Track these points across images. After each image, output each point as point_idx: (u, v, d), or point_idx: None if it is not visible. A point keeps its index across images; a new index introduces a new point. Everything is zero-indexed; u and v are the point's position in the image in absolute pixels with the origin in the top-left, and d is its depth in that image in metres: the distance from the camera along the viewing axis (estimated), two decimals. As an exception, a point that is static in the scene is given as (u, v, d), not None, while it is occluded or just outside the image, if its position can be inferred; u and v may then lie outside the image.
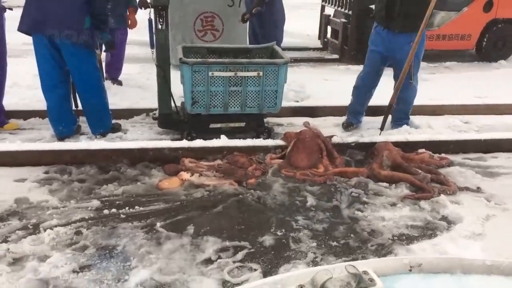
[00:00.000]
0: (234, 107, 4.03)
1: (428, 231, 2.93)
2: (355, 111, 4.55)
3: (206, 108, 3.97)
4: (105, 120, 4.18)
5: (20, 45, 6.93)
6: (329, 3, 7.81)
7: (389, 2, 4.02)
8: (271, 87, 4.02)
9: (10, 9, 4.14)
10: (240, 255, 2.62)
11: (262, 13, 5.13)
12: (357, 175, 3.55)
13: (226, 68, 3.85)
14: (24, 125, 4.34)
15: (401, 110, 4.42)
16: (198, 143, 3.79)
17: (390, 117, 4.42)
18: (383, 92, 4.42)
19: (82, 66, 3.89)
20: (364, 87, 4.42)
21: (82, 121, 4.25)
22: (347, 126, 4.50)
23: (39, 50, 3.84)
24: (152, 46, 4.05)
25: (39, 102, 4.69)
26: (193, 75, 3.81)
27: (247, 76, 3.92)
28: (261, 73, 3.93)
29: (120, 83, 5.51)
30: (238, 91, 3.96)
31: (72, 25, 3.71)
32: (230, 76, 3.88)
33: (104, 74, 5.29)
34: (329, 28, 8.05)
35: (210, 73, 3.83)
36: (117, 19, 5.14)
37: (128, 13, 5.31)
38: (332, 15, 7.94)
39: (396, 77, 4.29)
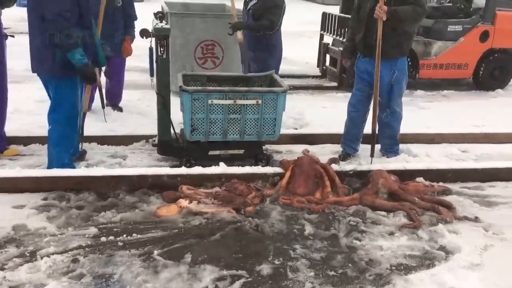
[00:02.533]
0: (233, 135, 4.07)
1: (426, 261, 2.92)
2: (351, 140, 4.55)
3: (205, 135, 4.01)
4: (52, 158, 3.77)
5: (22, 71, 7.02)
6: (327, 32, 7.95)
7: (367, 32, 4.12)
8: (270, 115, 4.07)
9: (12, 36, 4.21)
10: (237, 284, 2.61)
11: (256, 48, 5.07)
12: (352, 203, 3.57)
13: (225, 96, 3.91)
14: (24, 151, 4.36)
15: (387, 136, 4.45)
16: (197, 170, 3.81)
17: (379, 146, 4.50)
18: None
19: (55, 96, 3.70)
20: (358, 113, 4.45)
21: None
22: (345, 158, 4.48)
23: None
24: (151, 74, 4.11)
25: (40, 128, 4.73)
26: (192, 102, 3.87)
27: (246, 104, 3.96)
28: (260, 101, 3.98)
29: (120, 109, 5.56)
30: (237, 118, 4.01)
31: (44, 60, 3.50)
32: (229, 104, 3.93)
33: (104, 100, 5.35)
34: (327, 56, 8.17)
35: (209, 101, 3.88)
36: (115, 47, 5.19)
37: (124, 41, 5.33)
38: (330, 44, 8.07)
39: (380, 104, 4.32)
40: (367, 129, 4.48)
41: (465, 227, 3.32)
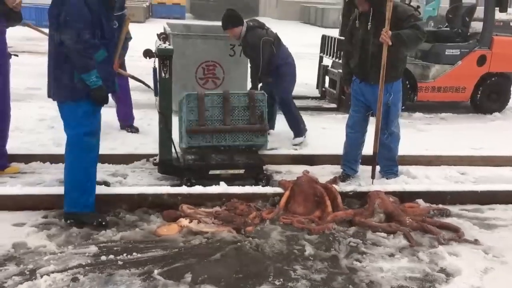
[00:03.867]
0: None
1: (426, 283, 2.92)
2: (350, 161, 4.56)
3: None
4: (74, 198, 3.39)
5: (23, 89, 7.09)
6: (327, 55, 8.04)
7: (362, 57, 4.18)
8: None
9: (16, 55, 4.25)
10: (237, 305, 2.60)
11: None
12: (346, 216, 3.65)
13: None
14: (25, 169, 4.36)
15: (386, 157, 4.44)
16: (198, 189, 3.82)
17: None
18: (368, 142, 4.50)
19: (65, 127, 3.50)
20: (356, 134, 4.46)
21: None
22: (344, 179, 4.47)
23: None
24: (156, 94, 4.14)
25: (40, 146, 4.76)
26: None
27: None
28: None
29: (136, 130, 5.53)
30: None
31: (62, 85, 3.32)
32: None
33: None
34: (327, 78, 8.24)
35: None
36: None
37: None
38: (330, 66, 8.16)
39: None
40: (366, 150, 4.52)
41: (465, 249, 3.32)
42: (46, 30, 3.65)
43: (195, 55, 6.25)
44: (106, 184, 3.94)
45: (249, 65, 5.52)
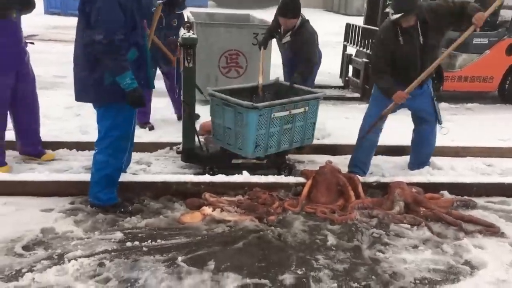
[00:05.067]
0: (284, 145, 4.12)
1: (451, 275, 2.89)
2: (362, 162, 4.26)
3: (264, 149, 3.97)
4: (99, 193, 3.43)
5: (51, 77, 7.21)
6: (351, 43, 7.95)
7: (410, 68, 3.90)
8: (312, 120, 4.22)
9: (32, 43, 4.31)
10: (260, 293, 2.62)
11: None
12: (365, 205, 3.65)
13: (283, 108, 3.94)
14: (52, 155, 4.46)
15: (425, 153, 4.36)
16: (220, 178, 3.85)
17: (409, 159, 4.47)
18: (401, 130, 4.44)
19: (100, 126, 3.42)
20: (377, 137, 4.22)
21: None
22: None
23: None
24: (177, 82, 4.13)
25: (67, 134, 4.85)
26: (259, 119, 3.80)
27: (297, 113, 4.05)
28: (307, 108, 4.08)
29: (152, 127, 5.43)
30: (289, 128, 4.07)
31: (91, 88, 3.24)
32: (285, 115, 3.98)
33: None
34: (350, 67, 8.16)
35: (272, 115, 3.87)
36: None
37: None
38: (354, 55, 8.06)
39: (416, 119, 4.28)
40: (387, 141, 4.44)
41: (490, 242, 3.27)
42: (72, 19, 3.67)
43: (218, 44, 6.26)
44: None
45: (279, 55, 5.32)
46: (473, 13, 3.66)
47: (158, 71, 5.49)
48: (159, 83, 5.89)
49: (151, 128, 5.37)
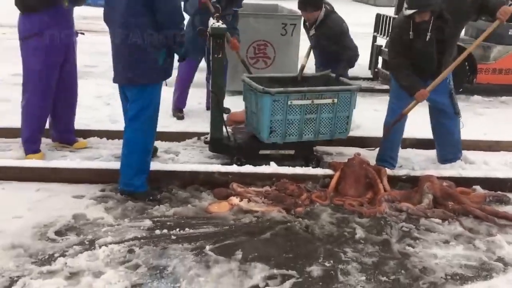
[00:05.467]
0: (308, 135, 4.08)
1: (483, 271, 2.83)
2: (389, 156, 4.19)
3: (282, 136, 4.00)
4: (131, 178, 3.49)
5: (80, 67, 7.30)
6: (381, 34, 7.81)
7: (424, 62, 3.84)
8: (343, 113, 4.10)
9: (82, 33, 4.36)
10: (287, 284, 2.61)
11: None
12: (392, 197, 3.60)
13: (304, 96, 3.92)
14: (83, 143, 4.54)
15: (449, 147, 4.24)
16: (248, 168, 3.84)
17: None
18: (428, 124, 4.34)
19: (133, 109, 3.50)
20: (398, 129, 4.12)
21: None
22: None
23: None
24: (209, 73, 4.13)
25: (97, 122, 4.93)
26: (273, 104, 3.84)
27: (322, 104, 3.99)
28: (335, 100, 4.01)
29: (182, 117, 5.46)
30: (313, 118, 4.02)
31: (146, 68, 3.38)
32: (307, 104, 3.94)
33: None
34: (380, 59, 8.02)
35: (289, 102, 3.88)
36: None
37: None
38: (384, 46, 7.92)
39: (434, 111, 4.18)
40: (417, 134, 4.35)
41: (525, 239, 3.18)
42: (101, 9, 3.70)
43: (246, 34, 6.21)
44: (155, 149, 4.13)
45: (304, 47, 5.22)
46: (496, 7, 3.58)
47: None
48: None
49: (181, 117, 5.40)
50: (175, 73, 5.50)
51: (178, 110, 5.44)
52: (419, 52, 3.81)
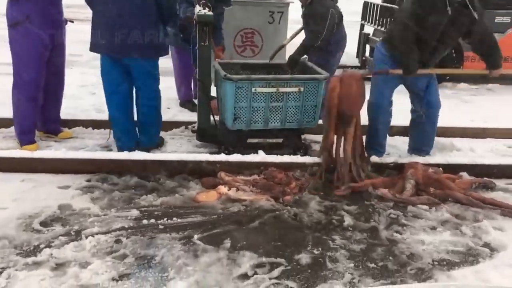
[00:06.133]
0: (274, 123, 4.05)
1: (469, 257, 2.85)
2: (378, 144, 4.16)
3: (247, 123, 4.00)
4: (155, 135, 4.24)
5: (66, 56, 7.21)
6: (368, 22, 7.79)
7: (427, 42, 3.72)
8: (311, 102, 4.04)
9: (71, 21, 4.28)
10: (276, 272, 2.61)
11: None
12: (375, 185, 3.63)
13: (268, 84, 3.89)
14: (68, 133, 4.48)
15: (423, 134, 4.16)
16: (236, 157, 3.82)
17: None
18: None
19: (149, 77, 3.98)
20: (388, 114, 4.11)
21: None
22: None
23: (107, 68, 3.95)
24: (193, 61, 4.10)
25: (83, 111, 4.86)
26: (236, 91, 3.85)
27: (289, 92, 3.94)
28: (302, 89, 3.95)
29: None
30: (279, 106, 3.99)
31: (146, 45, 3.79)
32: (272, 92, 3.91)
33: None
34: (367, 47, 8.01)
35: (253, 89, 3.87)
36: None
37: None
38: (371, 34, 7.91)
39: (416, 99, 4.07)
40: (403, 121, 4.38)
41: (510, 224, 3.21)
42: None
43: (233, 22, 6.17)
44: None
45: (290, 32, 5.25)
46: (494, 64, 3.80)
47: None
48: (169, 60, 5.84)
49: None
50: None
51: (188, 101, 5.36)
52: (434, 28, 3.63)
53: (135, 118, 4.12)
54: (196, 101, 5.13)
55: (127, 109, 4.04)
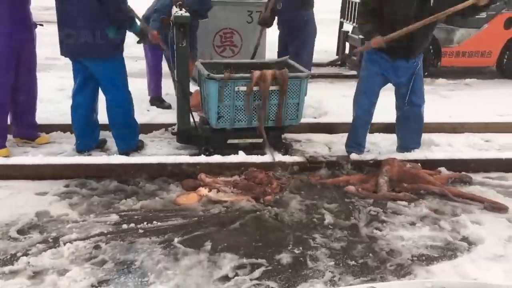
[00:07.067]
0: (258, 121, 4.05)
1: (448, 251, 2.89)
2: (359, 143, 4.16)
3: (231, 122, 4.00)
4: (130, 138, 4.14)
5: (43, 59, 7.09)
6: (347, 20, 7.84)
7: (398, 23, 3.65)
8: (293, 100, 4.06)
9: (41, 25, 4.21)
10: (257, 273, 2.61)
11: (294, 30, 5.10)
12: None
13: (250, 83, 3.89)
14: (45, 138, 4.41)
15: (411, 131, 4.18)
16: (216, 158, 3.81)
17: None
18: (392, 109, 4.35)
19: (110, 78, 3.90)
20: (369, 114, 4.11)
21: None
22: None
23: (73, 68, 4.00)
24: (170, 62, 4.07)
25: (60, 116, 4.78)
26: (219, 90, 3.85)
27: (271, 90, 3.95)
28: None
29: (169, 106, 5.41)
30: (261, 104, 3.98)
31: (94, 43, 3.70)
32: (254, 91, 3.91)
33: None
34: (347, 44, 8.06)
35: (236, 88, 3.87)
36: None
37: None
38: (350, 32, 7.96)
39: (404, 97, 4.06)
40: (386, 118, 4.40)
41: (488, 218, 3.27)
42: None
43: (212, 23, 6.13)
44: (104, 141, 4.29)
45: (271, 34, 5.36)
46: None
47: None
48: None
49: (168, 106, 5.34)
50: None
51: (157, 98, 5.42)
52: (399, 7, 3.62)
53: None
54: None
55: (85, 110, 4.00)
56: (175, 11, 3.95)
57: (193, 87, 4.36)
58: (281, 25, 5.37)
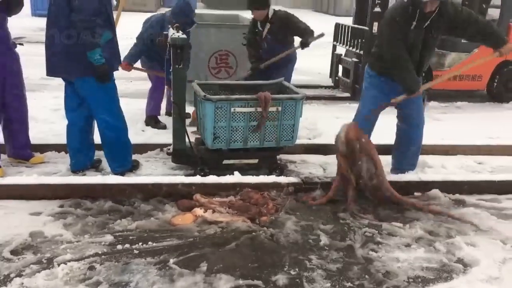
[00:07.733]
0: (253, 142, 4.08)
1: (444, 273, 2.89)
2: None
3: (226, 143, 4.02)
4: (123, 160, 4.11)
5: (38, 79, 7.12)
6: (340, 43, 7.96)
7: (421, 59, 3.83)
8: (289, 121, 4.11)
9: (21, 44, 4.24)
10: (253, 295, 2.60)
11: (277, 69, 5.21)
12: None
13: (247, 104, 3.93)
14: (40, 158, 4.39)
15: (409, 153, 4.22)
16: (212, 179, 3.81)
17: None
18: (392, 130, 4.39)
19: (99, 99, 3.87)
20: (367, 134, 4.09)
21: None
22: None
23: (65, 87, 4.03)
24: (168, 84, 4.10)
25: (55, 136, 4.78)
26: (215, 111, 3.87)
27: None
28: (279, 108, 4.01)
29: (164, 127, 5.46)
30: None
31: (78, 62, 3.69)
32: (250, 112, 3.95)
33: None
34: (340, 67, 8.17)
35: (232, 109, 3.90)
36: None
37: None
38: (343, 55, 8.08)
39: (403, 117, 4.16)
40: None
41: (483, 240, 3.28)
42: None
43: (208, 45, 6.23)
44: (99, 161, 4.28)
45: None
46: (500, 41, 3.73)
47: None
48: (147, 83, 5.84)
49: (164, 127, 5.36)
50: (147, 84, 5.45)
51: (153, 117, 5.45)
52: (410, 44, 3.67)
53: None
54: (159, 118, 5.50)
55: (79, 129, 4.02)
56: (172, 33, 4.01)
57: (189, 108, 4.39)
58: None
